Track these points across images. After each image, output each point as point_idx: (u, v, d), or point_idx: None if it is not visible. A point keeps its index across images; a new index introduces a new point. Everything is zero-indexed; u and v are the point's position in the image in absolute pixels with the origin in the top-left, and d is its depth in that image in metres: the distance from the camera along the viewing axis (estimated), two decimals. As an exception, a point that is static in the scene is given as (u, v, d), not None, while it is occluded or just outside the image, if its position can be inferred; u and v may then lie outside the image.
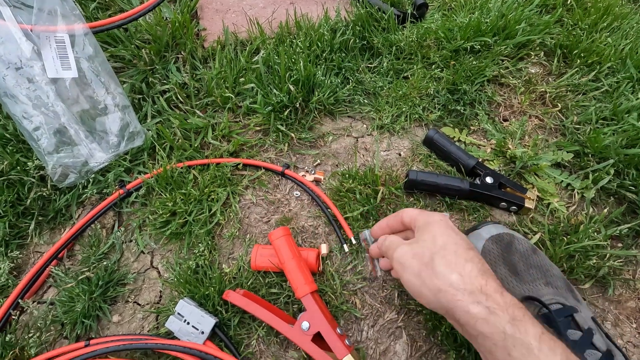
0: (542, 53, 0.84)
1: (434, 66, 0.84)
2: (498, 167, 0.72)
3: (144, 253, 0.67)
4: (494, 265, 0.52)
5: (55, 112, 0.65)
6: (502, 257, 0.52)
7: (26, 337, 0.57)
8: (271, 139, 0.76)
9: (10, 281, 0.62)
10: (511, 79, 0.82)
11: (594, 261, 0.60)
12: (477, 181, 0.67)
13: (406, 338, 0.56)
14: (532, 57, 0.84)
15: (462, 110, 0.78)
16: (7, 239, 0.65)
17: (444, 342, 0.55)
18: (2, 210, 0.65)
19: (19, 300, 0.59)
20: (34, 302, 0.61)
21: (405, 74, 0.83)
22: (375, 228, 0.55)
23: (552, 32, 0.89)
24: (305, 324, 0.44)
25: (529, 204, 0.65)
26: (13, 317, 0.58)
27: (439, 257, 0.39)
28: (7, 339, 0.56)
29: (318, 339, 0.44)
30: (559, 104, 0.80)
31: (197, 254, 0.64)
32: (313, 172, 0.73)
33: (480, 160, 0.71)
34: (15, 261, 0.64)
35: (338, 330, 0.44)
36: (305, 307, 0.45)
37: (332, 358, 0.43)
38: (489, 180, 0.67)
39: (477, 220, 0.66)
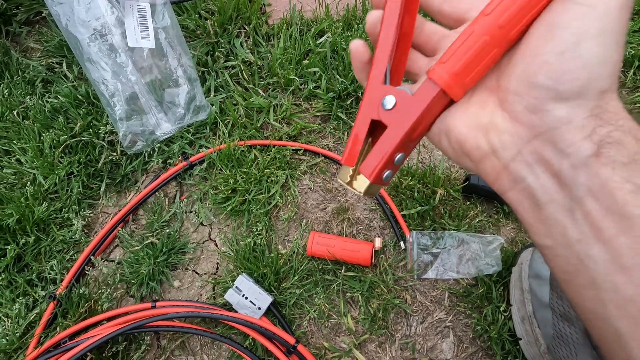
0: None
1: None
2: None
3: (203, 225, 0.70)
4: None
5: (130, 81, 0.67)
6: None
7: (98, 292, 0.62)
8: (331, 127, 0.76)
9: (82, 238, 0.66)
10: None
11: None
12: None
13: (453, 338, 0.58)
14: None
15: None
16: (79, 197, 0.68)
17: (491, 347, 0.57)
18: (76, 170, 0.68)
19: (91, 257, 0.64)
20: (102, 259, 0.66)
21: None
22: None
23: (631, 42, 0.84)
24: (390, 99, 0.26)
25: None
26: (86, 271, 0.63)
27: None
28: (82, 291, 0.61)
29: (376, 131, 0.28)
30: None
31: (255, 233, 0.66)
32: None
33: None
34: (86, 219, 0.68)
35: (398, 156, 0.27)
36: (421, 88, 0.25)
37: (347, 166, 0.27)
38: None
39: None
